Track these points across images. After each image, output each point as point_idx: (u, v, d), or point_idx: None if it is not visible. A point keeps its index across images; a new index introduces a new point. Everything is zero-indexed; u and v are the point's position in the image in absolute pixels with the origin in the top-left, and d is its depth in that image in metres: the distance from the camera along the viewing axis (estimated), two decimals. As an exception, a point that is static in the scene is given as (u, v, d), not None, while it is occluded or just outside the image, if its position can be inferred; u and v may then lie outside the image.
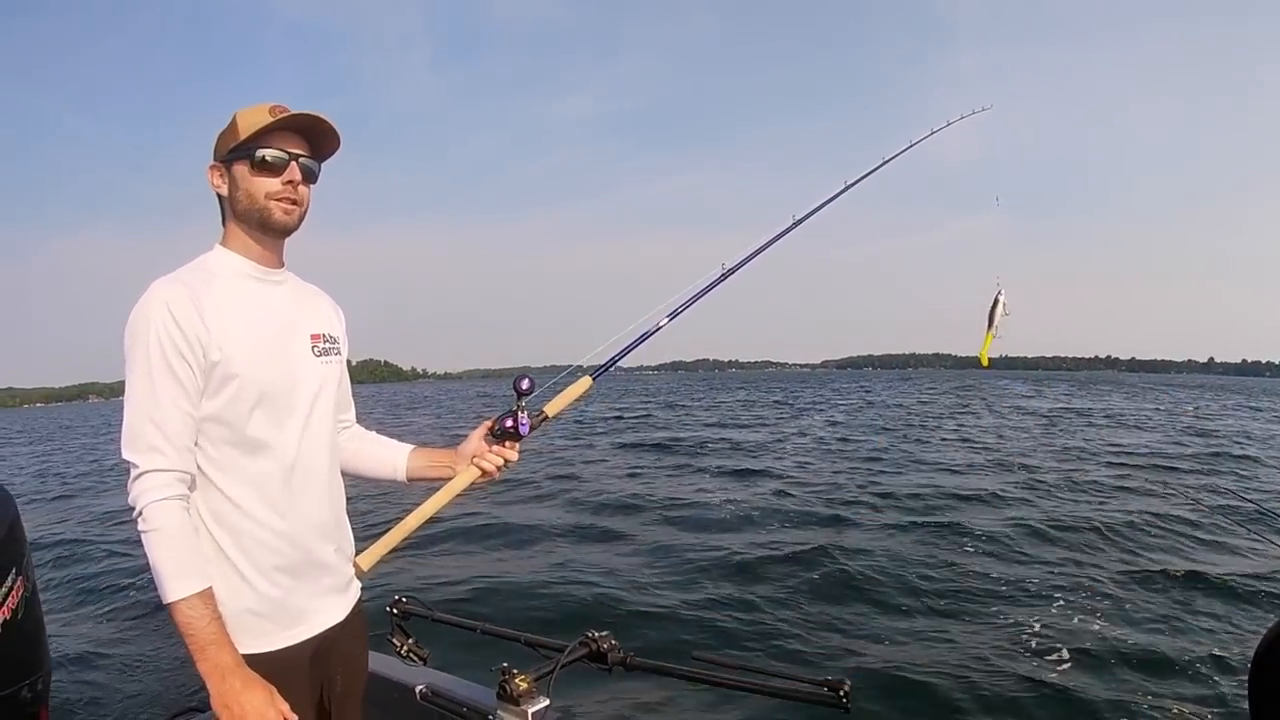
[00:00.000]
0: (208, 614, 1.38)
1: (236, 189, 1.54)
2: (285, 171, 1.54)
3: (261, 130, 1.51)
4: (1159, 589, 6.21)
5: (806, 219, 2.42)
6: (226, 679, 1.37)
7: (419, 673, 2.21)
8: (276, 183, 1.54)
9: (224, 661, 1.38)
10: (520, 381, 1.76)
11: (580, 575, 6.74)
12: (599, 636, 1.86)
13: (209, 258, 1.58)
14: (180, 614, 1.37)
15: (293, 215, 1.58)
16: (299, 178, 1.56)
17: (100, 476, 16.53)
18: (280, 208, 1.55)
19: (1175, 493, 9.90)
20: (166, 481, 1.40)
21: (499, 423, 1.81)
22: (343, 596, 1.70)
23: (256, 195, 1.54)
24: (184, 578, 1.37)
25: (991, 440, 17.34)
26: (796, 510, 9.41)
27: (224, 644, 1.39)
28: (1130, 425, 22.33)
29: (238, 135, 1.51)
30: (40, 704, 2.06)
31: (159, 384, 1.41)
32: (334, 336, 1.71)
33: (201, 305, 1.45)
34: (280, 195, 1.54)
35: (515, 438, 1.82)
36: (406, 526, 1.80)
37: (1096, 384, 71.50)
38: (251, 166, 1.52)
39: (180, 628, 1.38)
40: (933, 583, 6.37)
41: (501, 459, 1.80)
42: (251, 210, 1.55)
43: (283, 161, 1.54)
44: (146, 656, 5.29)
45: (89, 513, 11.58)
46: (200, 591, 1.38)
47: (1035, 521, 8.44)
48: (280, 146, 1.54)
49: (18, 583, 1.99)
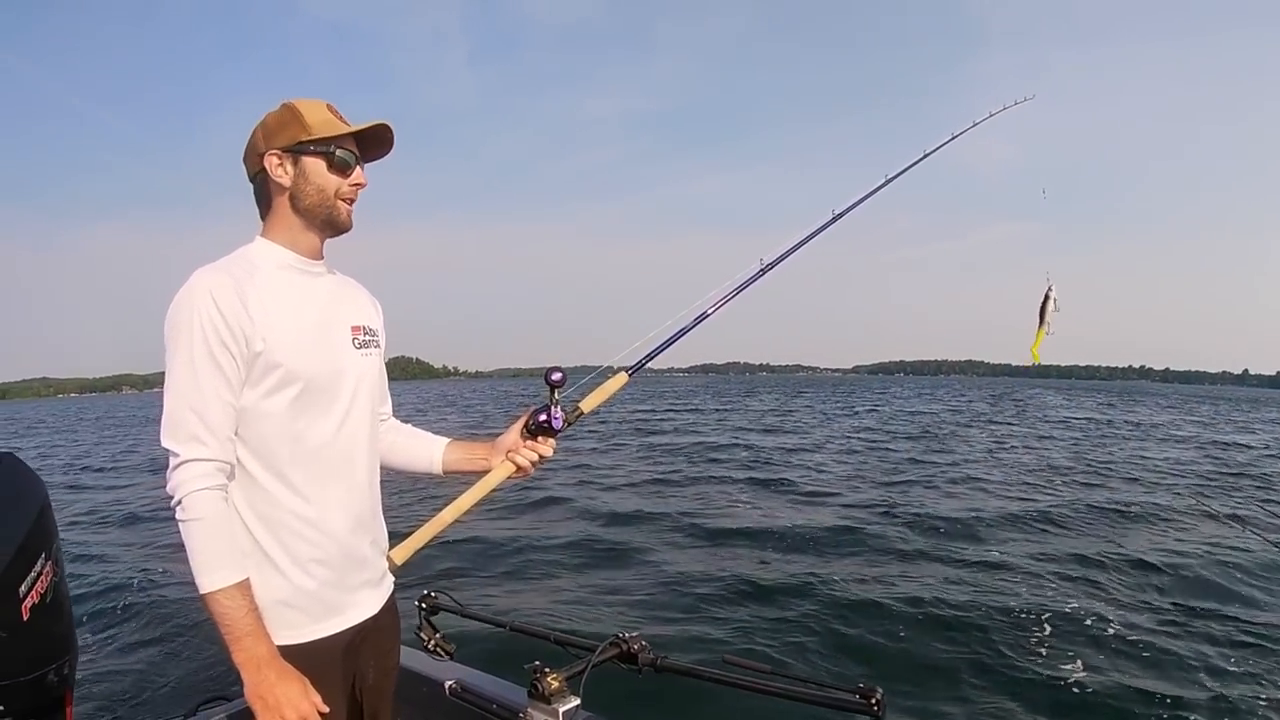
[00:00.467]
0: (245, 605, 1.38)
1: (307, 182, 1.54)
2: (354, 173, 1.57)
3: (343, 133, 1.54)
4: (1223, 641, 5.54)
5: (846, 213, 2.37)
6: (261, 670, 1.37)
7: (448, 667, 2.19)
8: (346, 183, 1.56)
9: (259, 653, 1.38)
10: (551, 374, 1.73)
11: (610, 577, 6.74)
12: (630, 637, 1.83)
13: (250, 249, 1.57)
14: (217, 604, 1.37)
15: (351, 215, 1.60)
16: (365, 181, 1.59)
17: (131, 465, 16.72)
18: (347, 207, 1.58)
19: (1214, 515, 9.37)
20: (207, 471, 1.40)
21: (533, 417, 1.79)
22: (377, 590, 1.69)
23: (329, 191, 1.55)
24: (222, 568, 1.38)
25: (1024, 455, 17.01)
26: (831, 522, 9.30)
27: (260, 635, 1.39)
28: (1167, 439, 21.95)
29: (308, 129, 1.51)
30: (66, 687, 2.07)
31: (201, 373, 1.41)
32: (373, 329, 1.71)
33: (245, 295, 1.44)
34: (348, 195, 1.57)
35: (550, 433, 1.79)
36: (441, 521, 1.77)
37: (1131, 395, 69.90)
38: (330, 164, 1.54)
39: (216, 618, 1.38)
40: (966, 608, 6.26)
41: (536, 454, 1.78)
42: (321, 205, 1.55)
43: (355, 162, 1.57)
44: (173, 645, 5.35)
45: (121, 500, 11.72)
46: (238, 582, 1.38)
47: (1072, 547, 8.24)
48: (350, 148, 1.56)
49: (47, 567, 2.00)
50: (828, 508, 10.08)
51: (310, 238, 1.60)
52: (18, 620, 1.90)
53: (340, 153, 1.54)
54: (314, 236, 1.60)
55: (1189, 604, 6.18)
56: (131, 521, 9.96)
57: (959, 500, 10.68)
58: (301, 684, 1.40)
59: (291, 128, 1.52)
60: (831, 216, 2.33)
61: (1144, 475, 13.49)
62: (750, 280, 2.14)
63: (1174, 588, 6.67)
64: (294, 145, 1.52)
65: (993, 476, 13.30)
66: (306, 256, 1.60)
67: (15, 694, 1.92)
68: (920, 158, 2.67)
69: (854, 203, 2.41)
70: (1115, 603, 6.14)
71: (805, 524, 8.94)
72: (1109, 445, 19.10)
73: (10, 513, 1.96)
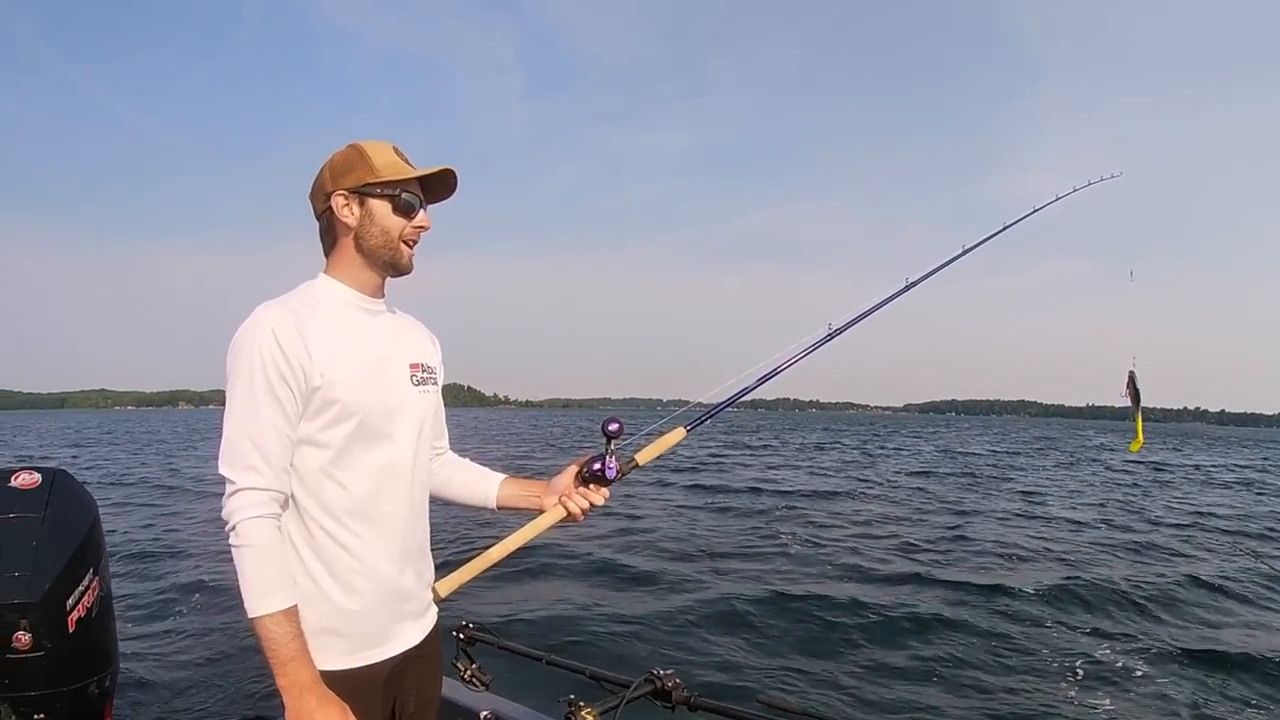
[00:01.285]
0: (291, 631, 1.40)
1: (372, 223, 1.57)
2: (418, 216, 1.60)
3: (409, 177, 1.57)
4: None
5: (920, 282, 2.31)
6: (303, 695, 1.38)
7: (484, 698, 2.19)
8: (409, 225, 1.59)
9: (302, 678, 1.39)
10: (609, 424, 1.73)
11: (646, 612, 6.68)
12: (664, 674, 1.82)
13: (315, 285, 1.61)
14: (264, 629, 1.39)
15: (412, 258, 1.63)
16: (428, 224, 1.62)
17: (178, 486, 17.00)
18: (409, 251, 1.61)
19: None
20: (261, 500, 1.43)
21: (588, 465, 1.78)
22: (420, 621, 1.69)
23: (393, 233, 1.58)
24: (271, 594, 1.39)
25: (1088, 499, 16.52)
26: (871, 562, 9.16)
27: (304, 661, 1.40)
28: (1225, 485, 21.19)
29: (375, 172, 1.55)
30: (106, 700, 2.10)
31: (261, 406, 1.44)
32: (431, 366, 1.73)
33: (305, 332, 1.48)
34: (411, 238, 1.60)
35: (603, 482, 1.78)
36: (489, 558, 1.77)
37: (1187, 437, 67.17)
38: (395, 207, 1.57)
39: (263, 642, 1.39)
40: (1010, 656, 6.11)
41: (587, 502, 1.77)
42: (385, 247, 1.58)
43: (419, 205, 1.60)
44: (214, 663, 5.39)
45: (170, 520, 11.92)
46: (285, 609, 1.40)
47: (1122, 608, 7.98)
48: (415, 192, 1.60)
49: (94, 582, 2.05)
50: (872, 549, 9.93)
51: (372, 276, 1.63)
52: (64, 632, 1.94)
53: (406, 196, 1.57)
54: (376, 275, 1.63)
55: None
56: (179, 541, 10.10)
57: (1020, 544, 10.45)
58: (341, 710, 1.41)
59: (359, 169, 1.55)
60: (905, 285, 2.28)
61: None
62: (817, 345, 2.10)
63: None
64: (360, 187, 1.56)
65: (1054, 516, 13.01)
66: (368, 295, 1.63)
67: (57, 703, 1.96)
68: (1000, 229, 2.61)
69: (929, 272, 2.35)
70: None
71: (850, 566, 8.82)
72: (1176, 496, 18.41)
73: (61, 528, 2.01)
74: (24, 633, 1.87)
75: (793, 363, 2.07)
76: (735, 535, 10.72)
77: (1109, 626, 6.73)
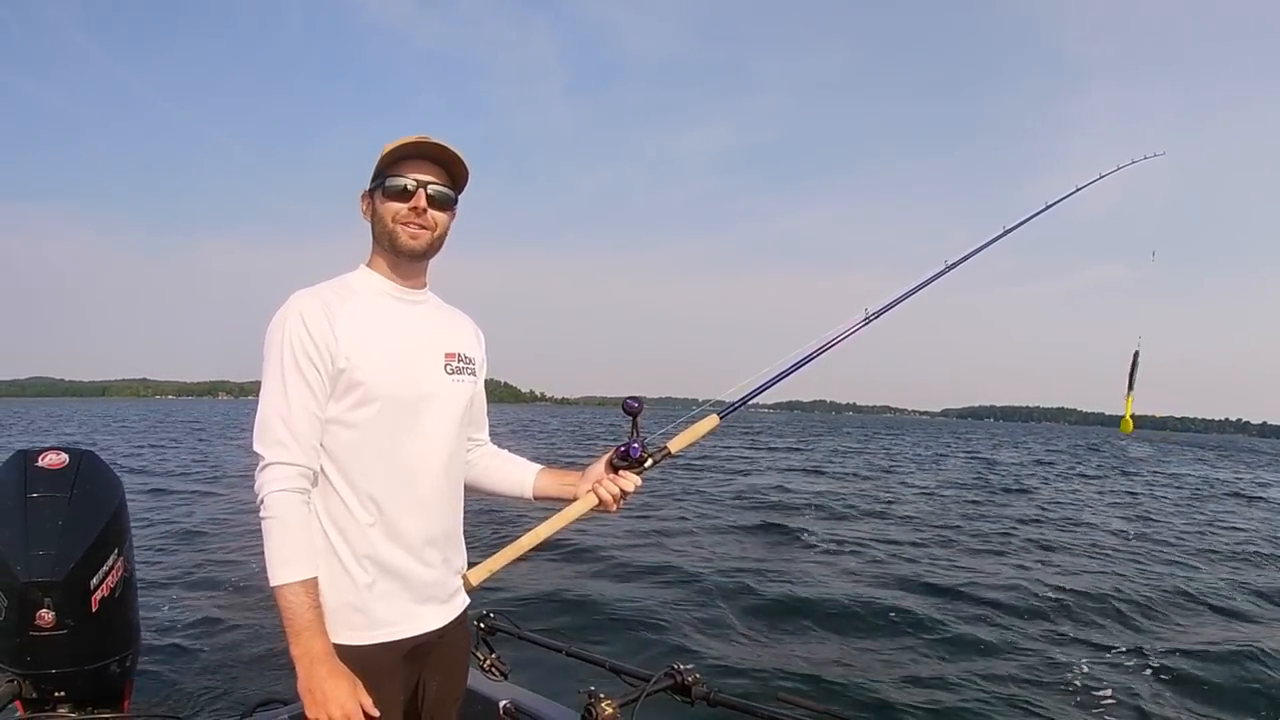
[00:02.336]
0: (309, 601, 1.44)
1: (375, 214, 1.64)
2: (412, 198, 1.61)
3: (393, 159, 1.61)
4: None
5: (960, 263, 2.22)
6: (315, 665, 1.42)
7: (503, 688, 2.19)
8: (403, 208, 1.61)
9: (315, 649, 1.43)
10: (629, 402, 1.72)
11: (668, 608, 6.67)
12: (684, 669, 1.84)
13: (351, 275, 1.68)
14: (283, 598, 1.44)
15: (420, 240, 1.63)
16: (424, 204, 1.61)
17: (208, 474, 17.19)
18: (406, 232, 1.62)
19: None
20: (290, 475, 1.49)
21: (617, 452, 1.75)
22: (444, 606, 1.70)
23: (385, 219, 1.62)
24: (292, 564, 1.45)
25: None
26: (897, 565, 9.11)
27: (318, 632, 1.44)
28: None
29: (379, 165, 1.62)
30: (127, 679, 2.12)
31: (290, 386, 1.51)
32: (470, 357, 1.75)
33: (334, 317, 1.54)
34: (405, 220, 1.61)
35: (634, 466, 1.74)
36: (520, 546, 1.73)
37: (1228, 450, 64.79)
38: (383, 193, 1.62)
39: (281, 611, 1.44)
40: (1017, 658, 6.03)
41: (618, 489, 1.74)
42: (383, 234, 1.64)
43: (409, 188, 1.61)
44: (235, 646, 5.44)
45: (197, 504, 12.07)
46: (305, 579, 1.45)
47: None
48: (412, 175, 1.61)
49: (119, 563, 2.06)
50: (899, 553, 9.87)
51: (399, 265, 1.67)
52: (87, 612, 1.95)
53: (391, 181, 1.61)
54: (403, 263, 1.67)
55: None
56: (207, 525, 10.22)
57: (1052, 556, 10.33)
58: (351, 683, 1.44)
59: (376, 169, 1.64)
60: (944, 266, 2.19)
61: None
62: (853, 330, 2.02)
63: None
64: (372, 184, 1.65)
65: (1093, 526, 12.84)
66: (405, 285, 1.68)
67: (78, 681, 1.98)
68: (1042, 209, 2.49)
69: (970, 253, 2.26)
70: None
71: (875, 567, 8.79)
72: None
73: (87, 509, 2.03)
74: (48, 611, 1.89)
75: (830, 347, 1.99)
76: (761, 535, 10.69)
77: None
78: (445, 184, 1.64)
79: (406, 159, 1.61)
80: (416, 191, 1.61)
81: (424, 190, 1.61)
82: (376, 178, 1.63)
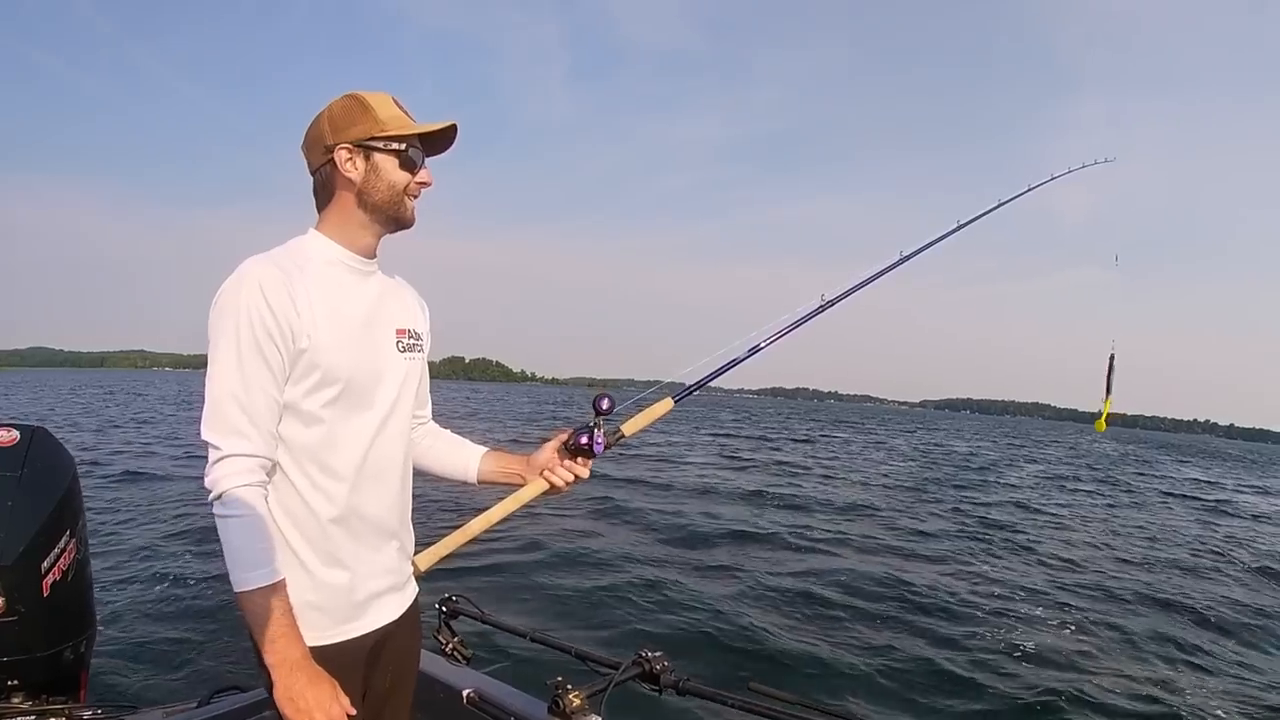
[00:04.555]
0: (280, 605, 1.34)
1: (378, 178, 1.51)
2: (423, 171, 1.55)
3: (416, 132, 1.52)
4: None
5: (913, 257, 2.32)
6: (293, 673, 1.32)
7: (466, 675, 2.16)
8: (415, 180, 1.54)
9: (292, 655, 1.33)
10: (600, 400, 1.69)
11: (639, 593, 6.69)
12: (652, 657, 1.80)
13: (304, 241, 1.54)
14: (252, 603, 1.32)
15: (415, 211, 1.57)
16: (431, 180, 1.57)
17: (168, 454, 16.89)
18: (413, 204, 1.55)
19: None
20: (249, 467, 1.36)
21: (574, 438, 1.74)
22: (400, 594, 1.65)
23: (399, 188, 1.52)
24: (260, 567, 1.33)
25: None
26: (867, 549, 9.29)
27: (294, 638, 1.34)
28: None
29: (381, 125, 1.49)
30: (82, 667, 2.07)
31: (248, 366, 1.37)
32: (418, 333, 1.67)
33: (294, 290, 1.41)
34: (414, 192, 1.55)
35: (588, 455, 1.74)
36: (469, 531, 1.74)
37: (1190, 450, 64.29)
38: (401, 162, 1.51)
39: (249, 617, 1.33)
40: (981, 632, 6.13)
41: (571, 475, 1.74)
42: (390, 202, 1.52)
43: (422, 160, 1.55)
44: (191, 632, 5.36)
45: (156, 485, 11.86)
46: (275, 582, 1.34)
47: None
48: (418, 146, 1.54)
49: (71, 545, 2.00)
50: (867, 534, 9.98)
51: (369, 234, 1.57)
52: (38, 596, 1.89)
53: (411, 151, 1.52)
54: (373, 233, 1.57)
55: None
56: (162, 506, 10.05)
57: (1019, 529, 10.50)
58: (332, 687, 1.35)
59: (363, 122, 1.49)
60: (899, 258, 2.28)
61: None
62: (810, 315, 2.07)
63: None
64: (365, 140, 1.49)
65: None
66: (360, 254, 1.56)
67: (32, 668, 1.92)
68: (994, 206, 2.62)
69: (923, 246, 2.35)
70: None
71: (848, 560, 8.89)
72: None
73: (38, 488, 1.96)
74: (-3, 595, 1.83)
75: (784, 334, 2.03)
76: (727, 521, 10.74)
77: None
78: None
79: (421, 136, 1.54)
80: (425, 166, 1.56)
81: (425, 165, 1.57)
82: (390, 140, 1.50)
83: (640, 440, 21.60)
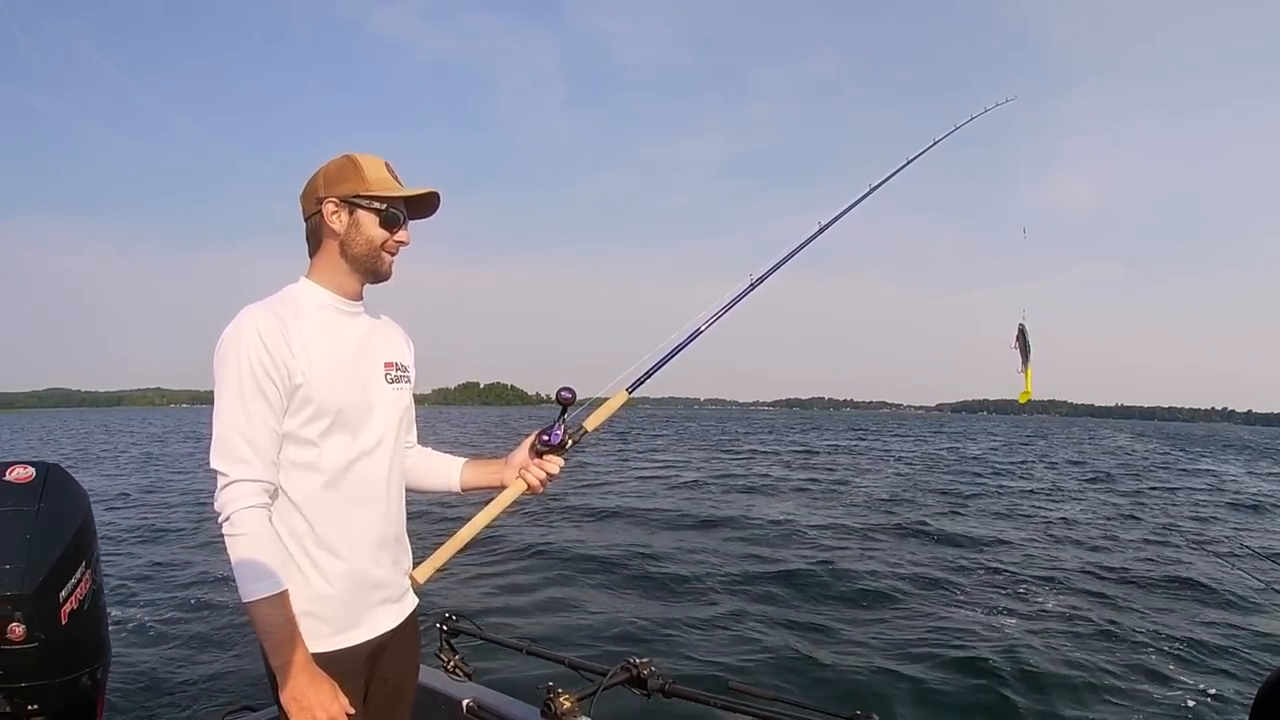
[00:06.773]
0: (283, 614, 1.50)
1: (359, 232, 1.67)
2: (402, 231, 1.70)
3: (397, 195, 1.68)
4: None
5: (831, 225, 2.40)
6: (297, 674, 1.48)
7: (466, 687, 2.25)
8: (393, 238, 1.69)
9: (296, 659, 1.49)
10: (562, 392, 1.83)
11: (624, 602, 6.78)
12: (640, 662, 1.89)
13: (296, 289, 1.71)
14: (259, 612, 1.48)
15: (392, 266, 1.73)
16: (409, 240, 1.73)
17: (175, 487, 16.88)
18: (390, 259, 1.71)
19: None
20: (253, 491, 1.52)
21: (539, 436, 1.86)
22: (397, 606, 1.78)
23: (376, 243, 1.68)
24: (264, 579, 1.48)
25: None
26: (853, 546, 9.42)
27: (296, 643, 1.50)
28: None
29: (367, 184, 1.65)
30: (98, 693, 2.13)
31: (249, 402, 1.53)
32: (405, 365, 1.83)
33: (289, 334, 1.57)
34: (392, 249, 1.71)
35: (555, 450, 1.86)
36: (459, 539, 1.84)
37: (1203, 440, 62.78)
38: (381, 220, 1.67)
39: (257, 625, 1.49)
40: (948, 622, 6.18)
41: (544, 472, 1.85)
42: (368, 255, 1.69)
43: (403, 221, 1.70)
44: (202, 655, 5.44)
45: (166, 514, 11.88)
46: (278, 593, 1.49)
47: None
48: (400, 208, 1.69)
49: (86, 575, 2.08)
50: (852, 531, 10.05)
51: (352, 281, 1.72)
52: (56, 625, 1.97)
53: (392, 210, 1.67)
54: (356, 281, 1.73)
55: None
56: (170, 536, 10.09)
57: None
58: (332, 687, 1.52)
59: (351, 180, 1.65)
60: (818, 228, 2.37)
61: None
62: (741, 296, 2.17)
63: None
64: (351, 196, 1.66)
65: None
66: (346, 298, 1.72)
67: (51, 695, 1.99)
68: (904, 164, 2.68)
69: (839, 214, 2.43)
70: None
71: (826, 559, 8.92)
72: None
73: (54, 522, 2.05)
74: (18, 625, 1.90)
75: (718, 317, 2.14)
76: (718, 526, 10.82)
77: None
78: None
79: (405, 199, 1.70)
80: (406, 226, 1.71)
81: (406, 226, 1.71)
82: (374, 199, 1.66)
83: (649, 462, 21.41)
